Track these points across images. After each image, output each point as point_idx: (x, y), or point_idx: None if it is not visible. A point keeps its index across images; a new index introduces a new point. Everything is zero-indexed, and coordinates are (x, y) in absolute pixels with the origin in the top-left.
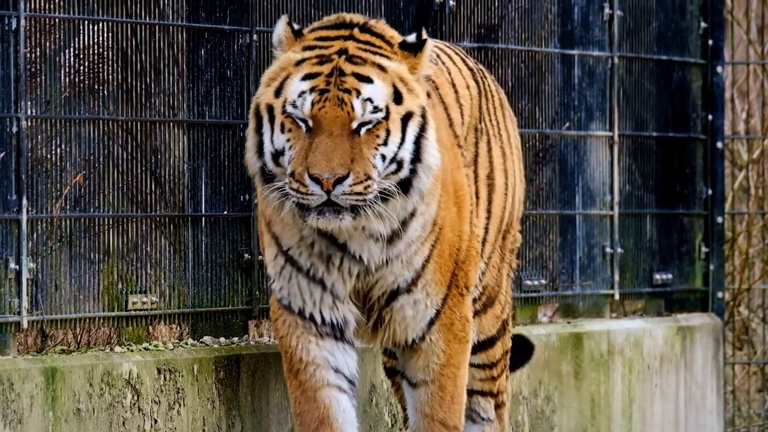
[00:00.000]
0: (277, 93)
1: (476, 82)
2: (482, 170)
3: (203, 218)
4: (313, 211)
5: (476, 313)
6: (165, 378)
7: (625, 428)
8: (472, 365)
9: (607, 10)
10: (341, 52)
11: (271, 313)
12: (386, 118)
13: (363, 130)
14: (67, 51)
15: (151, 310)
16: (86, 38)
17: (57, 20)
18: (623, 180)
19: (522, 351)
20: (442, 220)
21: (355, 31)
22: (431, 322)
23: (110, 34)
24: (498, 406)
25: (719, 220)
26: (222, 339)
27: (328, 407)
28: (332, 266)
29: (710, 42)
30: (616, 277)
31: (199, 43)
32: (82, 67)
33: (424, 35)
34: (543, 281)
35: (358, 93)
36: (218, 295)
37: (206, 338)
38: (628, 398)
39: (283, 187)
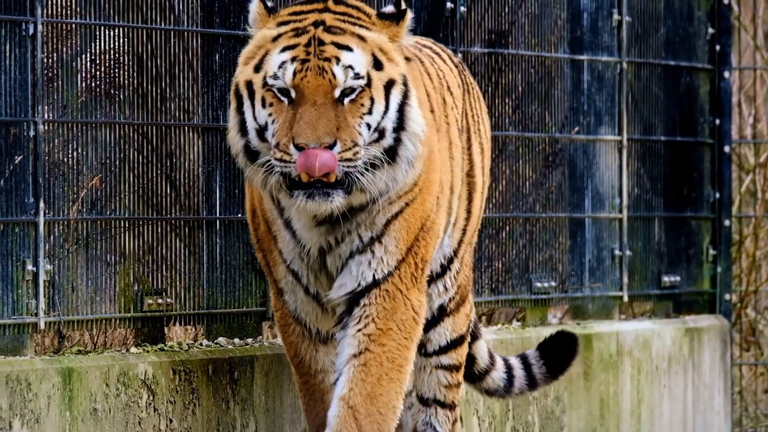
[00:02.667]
0: (257, 69)
1: (460, 78)
2: (464, 167)
3: (218, 221)
4: (301, 194)
5: (450, 312)
6: (180, 378)
7: (634, 428)
8: (440, 367)
9: (616, 16)
10: (317, 23)
11: (278, 319)
12: (368, 85)
13: (347, 100)
14: (83, 56)
15: (166, 311)
16: (102, 43)
17: (74, 26)
18: (632, 183)
19: (568, 347)
20: (422, 183)
21: (330, 3)
22: (377, 282)
23: (126, 39)
24: (454, 421)
25: (726, 223)
26: (236, 340)
27: None
28: (311, 270)
29: (717, 47)
30: (625, 279)
31: (213, 48)
32: (98, 72)
33: (403, 5)
34: (553, 283)
35: (338, 60)
36: (232, 296)
37: (221, 339)
38: (637, 399)
39: (268, 161)
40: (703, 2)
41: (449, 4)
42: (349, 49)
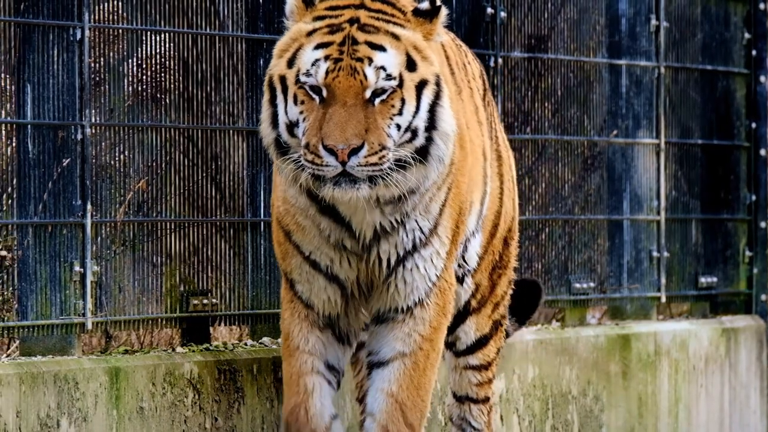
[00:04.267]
0: (290, 64)
1: (483, 82)
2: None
3: (262, 223)
4: (329, 182)
5: (473, 311)
6: (225, 378)
7: (672, 427)
8: (469, 367)
9: (653, 22)
10: (353, 21)
11: (282, 301)
12: (400, 86)
13: (377, 100)
14: (130, 61)
15: (211, 311)
16: (149, 48)
17: (120, 31)
18: (669, 186)
19: (531, 296)
20: (457, 162)
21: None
22: (434, 283)
23: (172, 44)
24: (488, 411)
25: (762, 224)
26: (280, 340)
27: (308, 393)
28: (342, 255)
29: (754, 52)
30: (663, 281)
31: (257, 53)
32: (144, 77)
33: (438, 2)
34: (592, 284)
35: (371, 61)
36: (277, 297)
37: (265, 339)
38: (675, 398)
39: (298, 159)
40: (740, 8)
41: (490, 10)
42: (382, 49)
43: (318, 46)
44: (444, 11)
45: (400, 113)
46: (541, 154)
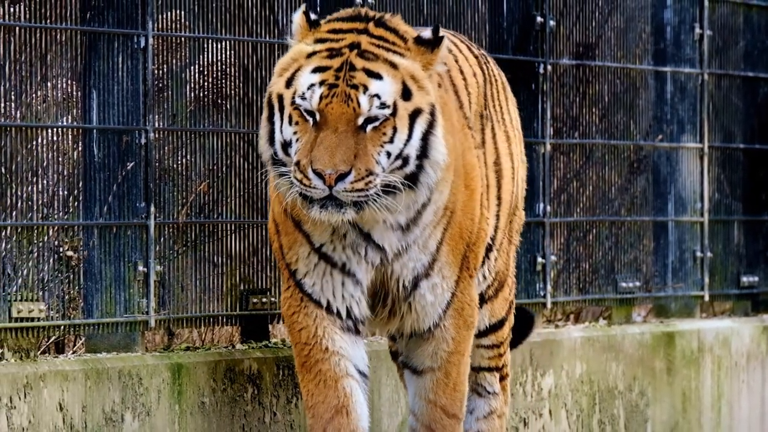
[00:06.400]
0: (288, 84)
1: (481, 68)
2: (489, 157)
3: None
4: (316, 204)
5: (489, 299)
6: (283, 373)
7: (714, 422)
8: (481, 346)
9: (697, 30)
10: (353, 46)
11: (288, 308)
12: (394, 114)
13: (369, 127)
14: (192, 68)
15: (270, 310)
16: (210, 56)
17: (183, 39)
18: (712, 189)
19: (523, 324)
20: (453, 204)
21: (370, 25)
22: (447, 307)
23: (232, 51)
24: (502, 378)
25: None
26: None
27: (348, 396)
28: (359, 256)
29: None
30: (706, 280)
31: None
32: (206, 83)
33: (441, 32)
34: (637, 283)
35: (365, 89)
36: None
37: None
38: (717, 393)
39: (290, 174)
40: None
41: (539, 19)
42: (378, 77)
43: (315, 70)
44: (446, 42)
45: (392, 141)
46: (589, 158)
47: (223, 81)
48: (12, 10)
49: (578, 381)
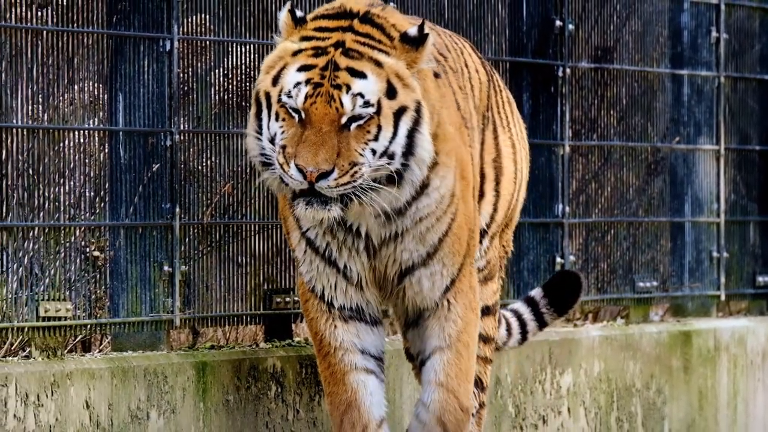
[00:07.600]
0: (275, 81)
1: (486, 72)
2: (488, 154)
3: None
4: (301, 201)
5: (479, 282)
6: (306, 372)
7: (730, 419)
8: None
9: (714, 34)
10: (338, 44)
11: (300, 295)
12: (378, 113)
13: (353, 125)
14: (216, 71)
15: (293, 309)
16: (235, 59)
17: (208, 42)
18: (729, 190)
19: (572, 286)
20: (460, 191)
21: (356, 22)
22: (446, 290)
23: (256, 55)
24: (481, 405)
25: None
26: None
27: (355, 391)
28: (342, 246)
29: None
30: (722, 280)
31: None
32: (230, 86)
33: (426, 29)
34: (655, 283)
35: (349, 88)
36: None
37: None
38: (733, 391)
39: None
40: None
41: (558, 23)
42: (363, 76)
43: (301, 68)
44: (431, 39)
45: (376, 139)
46: (607, 160)
47: (248, 84)
48: (39, 14)
49: (596, 379)
